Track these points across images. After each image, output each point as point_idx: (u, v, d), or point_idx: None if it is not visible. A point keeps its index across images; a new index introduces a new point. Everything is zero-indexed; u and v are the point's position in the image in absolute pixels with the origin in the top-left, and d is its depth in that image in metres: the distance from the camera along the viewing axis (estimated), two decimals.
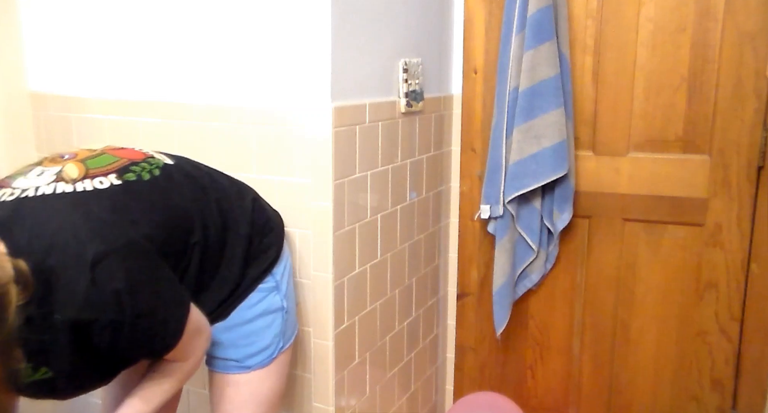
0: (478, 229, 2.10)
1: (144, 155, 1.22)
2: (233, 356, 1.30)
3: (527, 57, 1.79)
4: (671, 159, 1.89)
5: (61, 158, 1.14)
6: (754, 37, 1.75)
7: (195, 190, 1.22)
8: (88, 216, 1.01)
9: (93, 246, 0.96)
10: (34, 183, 1.06)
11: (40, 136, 1.89)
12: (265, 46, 1.49)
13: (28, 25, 1.86)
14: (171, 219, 1.13)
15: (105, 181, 1.09)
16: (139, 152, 1.23)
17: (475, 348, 2.20)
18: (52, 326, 0.95)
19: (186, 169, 1.26)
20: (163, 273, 1.07)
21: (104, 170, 1.12)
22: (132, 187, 1.11)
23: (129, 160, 1.17)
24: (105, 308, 0.96)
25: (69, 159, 1.13)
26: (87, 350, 1.00)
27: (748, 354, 1.89)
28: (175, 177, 1.21)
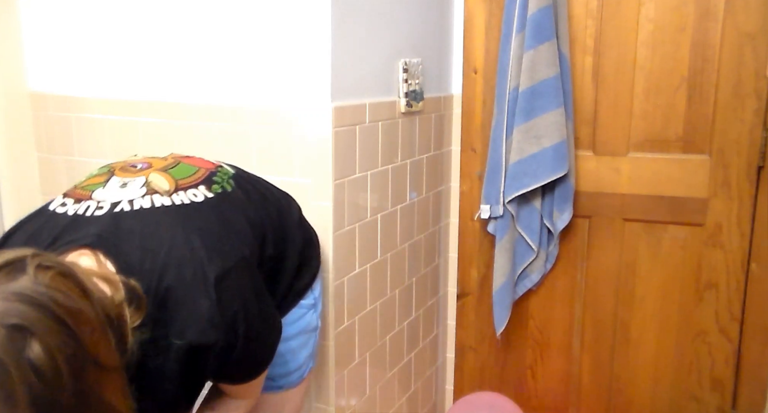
0: (478, 229, 2.10)
1: (214, 164, 1.16)
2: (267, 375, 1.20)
3: (527, 57, 1.79)
4: (671, 159, 1.89)
5: (134, 168, 1.07)
6: (754, 37, 1.75)
7: (261, 201, 1.16)
8: (200, 231, 0.94)
9: (213, 264, 0.90)
10: (123, 195, 0.98)
11: (40, 136, 1.89)
12: (265, 46, 1.49)
13: (28, 25, 1.86)
14: (254, 231, 1.07)
15: (198, 194, 1.03)
16: (207, 161, 1.17)
17: (475, 348, 2.20)
18: (164, 350, 0.86)
19: (247, 179, 1.19)
20: (265, 292, 1.01)
21: (192, 181, 1.05)
22: (224, 200, 1.05)
23: (207, 170, 1.11)
24: (226, 330, 0.89)
25: (146, 169, 1.06)
26: (193, 376, 0.91)
27: (748, 354, 1.89)
28: (245, 187, 1.14)
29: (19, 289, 0.63)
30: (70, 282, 0.69)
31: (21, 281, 0.64)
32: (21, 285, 0.64)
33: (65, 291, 0.67)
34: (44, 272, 0.66)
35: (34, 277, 0.65)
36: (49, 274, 0.67)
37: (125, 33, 1.69)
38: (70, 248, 0.88)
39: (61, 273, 0.68)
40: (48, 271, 0.67)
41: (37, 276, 0.65)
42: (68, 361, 0.62)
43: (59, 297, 0.65)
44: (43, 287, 0.65)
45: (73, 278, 0.70)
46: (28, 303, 0.62)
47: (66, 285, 0.68)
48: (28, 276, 0.65)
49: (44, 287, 0.65)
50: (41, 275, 0.66)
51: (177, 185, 1.02)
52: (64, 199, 0.99)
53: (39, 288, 0.64)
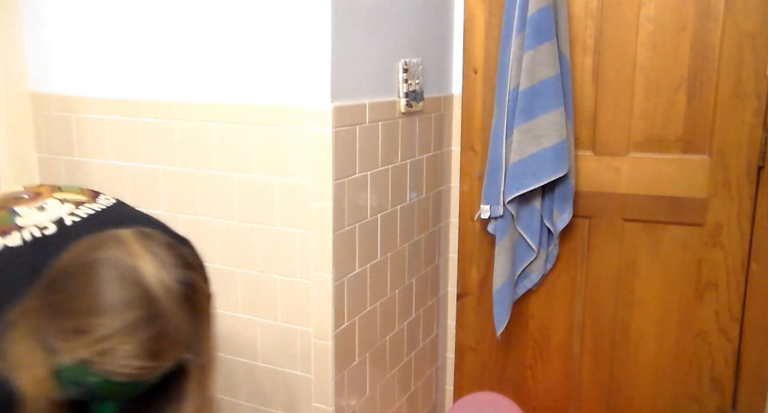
0: (478, 229, 2.10)
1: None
2: None
3: (527, 57, 1.79)
4: (671, 159, 1.89)
5: (25, 198, 1.01)
6: (754, 37, 1.75)
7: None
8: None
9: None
10: (53, 214, 0.97)
11: (40, 136, 1.89)
12: (265, 46, 1.49)
13: (29, 25, 1.86)
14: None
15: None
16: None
17: (475, 348, 2.20)
18: None
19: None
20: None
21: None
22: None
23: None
24: None
25: (38, 195, 1.02)
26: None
27: (748, 354, 1.89)
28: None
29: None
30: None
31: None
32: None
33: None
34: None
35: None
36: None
37: (125, 33, 1.69)
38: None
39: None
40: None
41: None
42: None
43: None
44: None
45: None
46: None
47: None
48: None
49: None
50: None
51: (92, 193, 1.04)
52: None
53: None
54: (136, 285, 0.76)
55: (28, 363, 0.76)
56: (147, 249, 0.79)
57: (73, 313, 0.74)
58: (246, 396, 1.69)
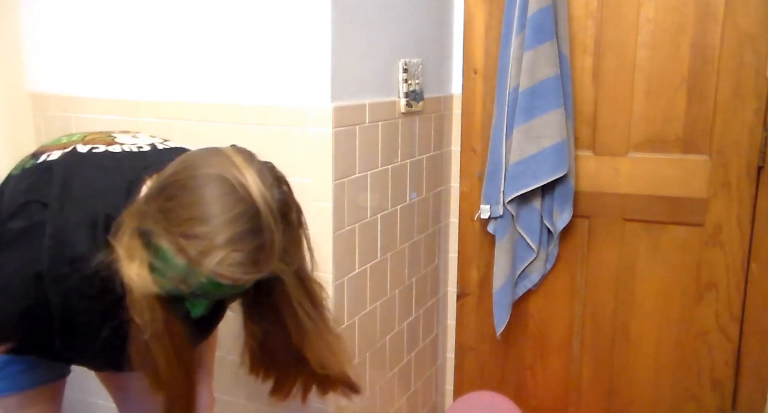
0: (478, 229, 2.10)
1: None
2: None
3: (527, 57, 1.79)
4: (671, 159, 1.89)
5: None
6: (754, 37, 1.75)
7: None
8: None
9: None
10: (145, 139, 1.12)
11: (40, 136, 1.89)
12: (266, 46, 1.49)
13: (28, 25, 1.86)
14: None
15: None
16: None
17: (475, 348, 2.20)
18: None
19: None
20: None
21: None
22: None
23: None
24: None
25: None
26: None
27: (748, 354, 1.89)
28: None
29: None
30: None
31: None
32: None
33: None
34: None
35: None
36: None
37: (125, 33, 1.69)
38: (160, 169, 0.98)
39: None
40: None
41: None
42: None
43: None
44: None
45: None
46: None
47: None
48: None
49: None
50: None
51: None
52: (83, 146, 1.06)
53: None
54: (244, 200, 0.84)
55: (135, 259, 0.85)
56: (250, 165, 0.88)
57: (187, 220, 0.82)
58: (246, 395, 1.69)
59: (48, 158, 1.04)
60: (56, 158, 1.03)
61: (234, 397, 1.70)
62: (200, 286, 0.84)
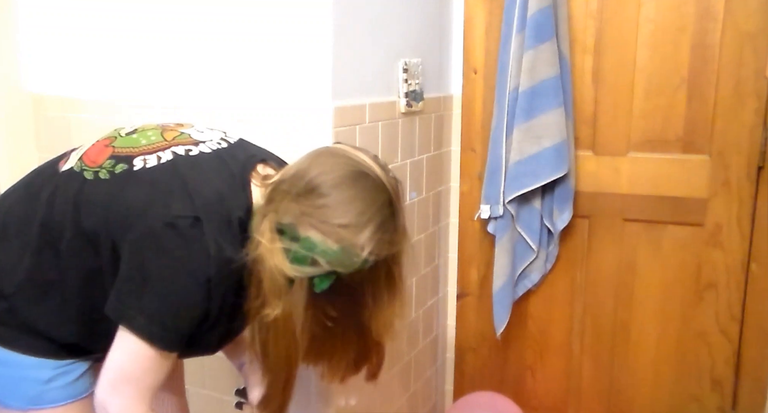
0: (478, 229, 2.10)
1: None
2: None
3: (527, 57, 1.79)
4: (671, 159, 1.89)
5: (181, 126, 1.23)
6: (754, 37, 1.75)
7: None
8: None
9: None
10: (215, 134, 1.19)
11: (40, 137, 1.89)
12: (266, 47, 1.49)
13: (29, 27, 1.86)
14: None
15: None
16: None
17: (475, 348, 2.20)
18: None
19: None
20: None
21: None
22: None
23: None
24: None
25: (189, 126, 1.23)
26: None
27: (748, 354, 1.89)
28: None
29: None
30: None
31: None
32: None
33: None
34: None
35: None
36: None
37: (125, 34, 1.69)
38: (256, 163, 1.11)
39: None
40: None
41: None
42: None
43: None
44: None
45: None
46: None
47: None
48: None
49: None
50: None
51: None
52: (176, 147, 1.11)
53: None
54: (383, 190, 1.01)
55: (277, 250, 0.97)
56: (371, 159, 1.03)
57: (341, 214, 0.96)
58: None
59: (147, 165, 1.07)
60: (161, 166, 1.07)
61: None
62: (347, 264, 0.97)
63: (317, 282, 0.99)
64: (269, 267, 0.98)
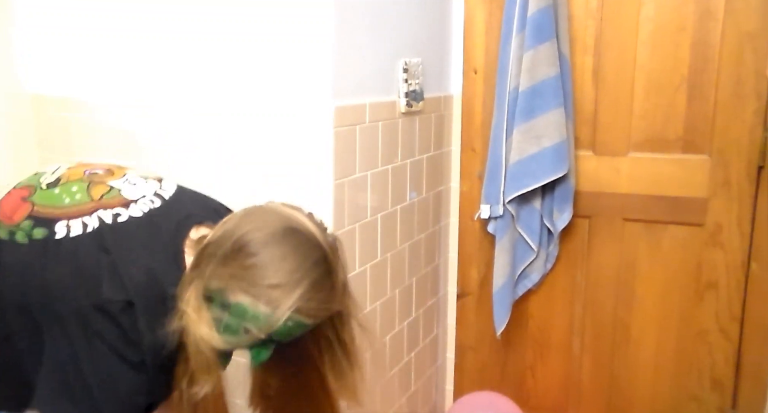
0: (478, 229, 2.10)
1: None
2: None
3: (527, 57, 1.79)
4: (671, 159, 1.89)
5: (107, 175, 1.13)
6: (754, 37, 1.75)
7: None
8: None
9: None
10: (149, 188, 1.11)
11: (40, 137, 1.89)
12: (267, 46, 1.49)
13: (28, 27, 1.86)
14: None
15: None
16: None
17: (475, 348, 2.20)
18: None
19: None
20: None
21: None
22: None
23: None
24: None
25: (112, 173, 1.15)
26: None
27: (748, 354, 1.89)
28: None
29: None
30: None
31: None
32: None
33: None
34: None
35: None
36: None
37: (125, 35, 1.69)
38: (191, 226, 1.04)
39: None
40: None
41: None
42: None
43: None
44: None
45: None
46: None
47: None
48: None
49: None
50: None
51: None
52: (102, 211, 1.02)
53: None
54: (316, 247, 0.94)
55: (203, 319, 0.89)
56: (303, 215, 0.97)
57: (272, 273, 0.89)
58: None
59: (71, 234, 0.98)
60: (85, 236, 0.98)
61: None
62: (281, 329, 0.89)
63: (254, 354, 0.93)
64: (195, 339, 0.89)
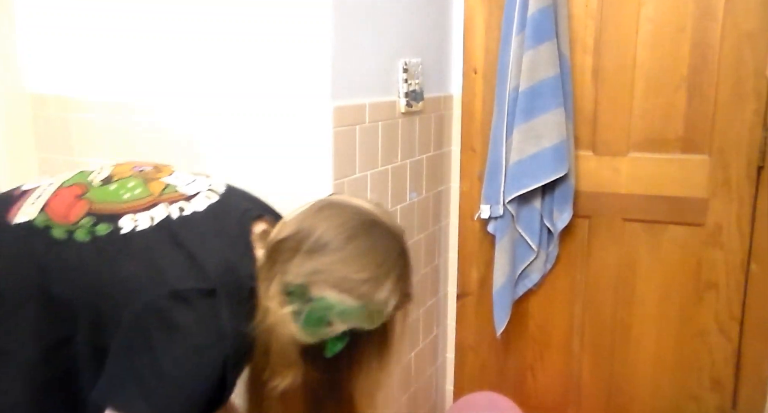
0: (478, 229, 2.10)
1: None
2: None
3: (527, 57, 1.79)
4: (671, 159, 1.89)
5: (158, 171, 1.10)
6: (754, 37, 1.75)
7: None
8: None
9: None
10: (203, 185, 1.08)
11: (39, 137, 1.89)
12: (266, 46, 1.49)
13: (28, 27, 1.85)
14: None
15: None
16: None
17: (475, 348, 2.20)
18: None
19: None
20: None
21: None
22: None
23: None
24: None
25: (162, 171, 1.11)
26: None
27: (748, 354, 1.89)
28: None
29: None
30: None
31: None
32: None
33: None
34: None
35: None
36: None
37: (124, 34, 1.69)
38: (252, 220, 1.00)
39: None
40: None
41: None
42: None
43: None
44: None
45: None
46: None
47: None
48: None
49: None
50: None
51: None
52: (167, 205, 0.98)
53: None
54: (398, 238, 0.95)
55: (287, 314, 0.89)
56: (376, 207, 0.97)
57: (362, 267, 0.90)
58: None
59: (138, 227, 0.93)
60: (154, 229, 0.94)
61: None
62: (366, 322, 0.93)
63: (329, 346, 0.93)
64: (280, 335, 0.89)
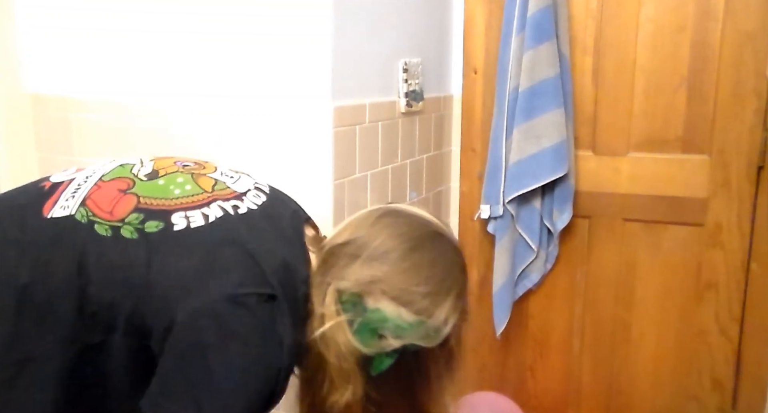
0: (478, 229, 2.10)
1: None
2: None
3: (527, 57, 1.79)
4: (671, 159, 1.89)
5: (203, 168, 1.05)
6: (754, 37, 1.75)
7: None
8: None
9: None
10: (247, 184, 1.03)
11: (39, 136, 1.89)
12: (266, 46, 1.49)
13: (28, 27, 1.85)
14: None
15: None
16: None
17: (475, 348, 2.20)
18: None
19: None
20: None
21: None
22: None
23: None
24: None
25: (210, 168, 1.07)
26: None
27: (748, 354, 1.89)
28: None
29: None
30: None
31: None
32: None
33: None
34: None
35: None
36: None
37: (123, 35, 1.69)
38: (303, 222, 0.98)
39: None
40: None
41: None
42: None
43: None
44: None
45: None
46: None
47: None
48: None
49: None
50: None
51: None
52: (222, 203, 0.91)
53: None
54: (459, 252, 0.92)
55: (342, 324, 0.85)
56: (436, 217, 0.95)
57: (424, 280, 0.86)
58: None
59: (192, 224, 0.86)
60: (210, 226, 0.86)
61: None
62: (421, 339, 0.86)
63: (376, 363, 0.88)
64: (338, 345, 0.84)
